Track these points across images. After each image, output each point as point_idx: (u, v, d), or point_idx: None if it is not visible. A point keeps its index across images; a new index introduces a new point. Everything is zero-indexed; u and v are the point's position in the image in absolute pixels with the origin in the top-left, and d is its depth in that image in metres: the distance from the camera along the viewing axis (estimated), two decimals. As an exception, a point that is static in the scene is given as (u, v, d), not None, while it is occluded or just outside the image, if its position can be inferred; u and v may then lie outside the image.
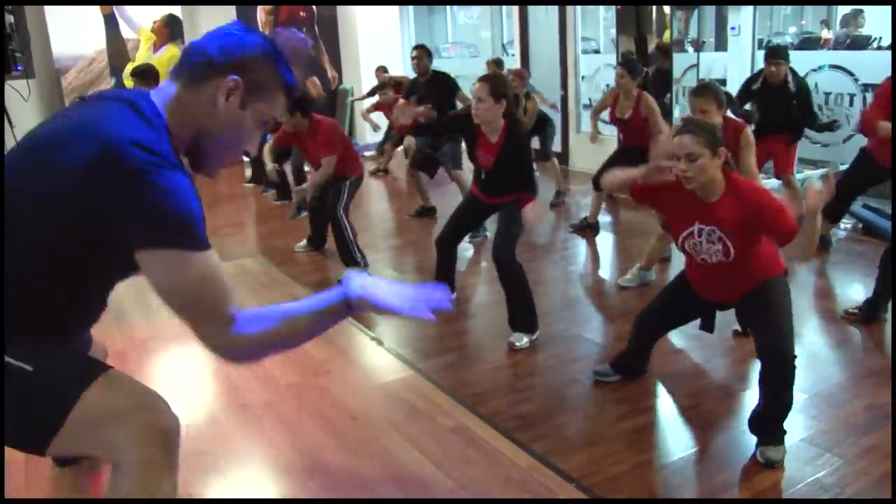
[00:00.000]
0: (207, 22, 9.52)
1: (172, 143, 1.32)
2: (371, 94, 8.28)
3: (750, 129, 3.72)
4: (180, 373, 3.36)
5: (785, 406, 2.38)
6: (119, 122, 1.27)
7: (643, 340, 2.90)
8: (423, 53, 5.73)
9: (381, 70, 8.37)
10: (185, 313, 1.31)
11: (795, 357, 2.35)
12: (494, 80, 3.38)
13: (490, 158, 3.46)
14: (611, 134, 5.26)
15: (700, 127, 2.41)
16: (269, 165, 5.11)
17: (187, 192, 1.25)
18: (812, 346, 3.35)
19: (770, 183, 5.88)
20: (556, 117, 7.88)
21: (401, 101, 6.34)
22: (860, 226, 4.92)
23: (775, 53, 4.78)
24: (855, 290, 3.94)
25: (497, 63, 7.09)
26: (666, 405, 2.85)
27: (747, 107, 4.99)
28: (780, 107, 4.79)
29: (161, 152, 1.25)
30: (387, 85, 7.56)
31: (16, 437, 1.32)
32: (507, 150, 3.38)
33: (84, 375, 1.33)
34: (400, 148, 7.94)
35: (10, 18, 4.67)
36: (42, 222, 1.26)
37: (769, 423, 2.40)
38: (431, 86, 5.67)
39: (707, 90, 3.50)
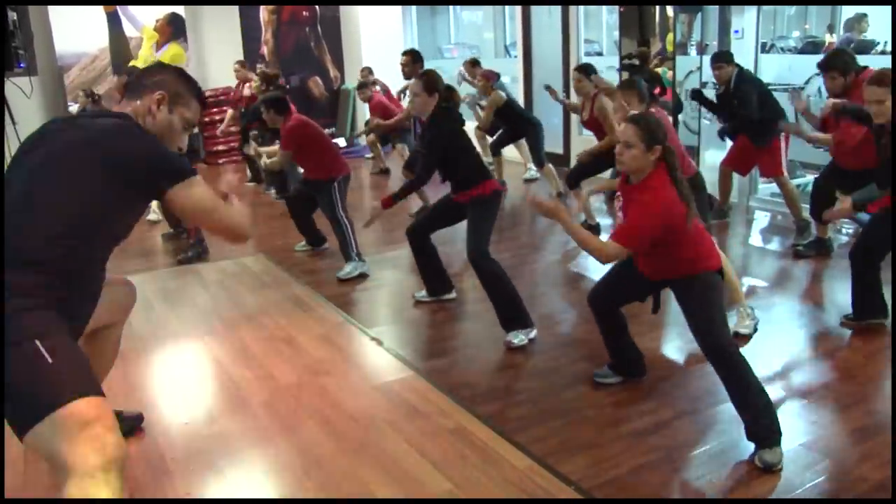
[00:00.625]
0: (210, 21, 9.54)
1: None
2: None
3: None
4: (180, 372, 3.35)
5: (749, 395, 2.40)
6: (133, 125, 1.92)
7: (598, 314, 2.95)
8: (409, 60, 5.77)
9: (367, 71, 8.53)
10: (208, 214, 1.97)
11: (734, 345, 2.46)
12: (426, 76, 3.64)
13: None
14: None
15: (646, 122, 2.59)
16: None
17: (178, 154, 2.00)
18: (812, 350, 3.35)
19: (772, 187, 5.88)
20: (559, 117, 7.91)
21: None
22: (861, 230, 4.91)
23: (715, 58, 4.98)
24: (856, 295, 3.93)
25: (473, 63, 7.22)
26: (665, 408, 2.84)
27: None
28: (728, 108, 4.94)
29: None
30: (367, 84, 7.69)
31: (14, 412, 1.58)
32: (425, 134, 3.69)
33: (85, 386, 1.61)
34: (395, 146, 7.98)
35: (13, 15, 4.67)
36: (87, 196, 1.76)
37: (757, 422, 2.40)
38: None
39: (630, 85, 3.96)
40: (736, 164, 5.21)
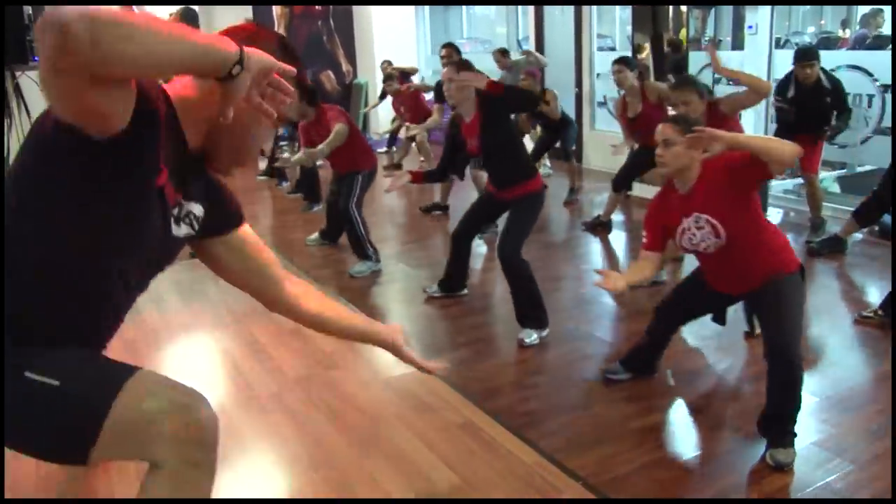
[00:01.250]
0: (223, 15, 9.57)
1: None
2: (382, 96, 8.42)
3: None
4: (190, 364, 3.37)
5: (792, 408, 2.37)
6: None
7: (661, 328, 2.89)
8: (451, 52, 5.74)
9: (387, 63, 8.53)
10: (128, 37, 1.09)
11: (801, 360, 2.34)
12: (457, 62, 3.63)
13: (474, 139, 3.53)
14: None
15: (683, 119, 2.57)
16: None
17: None
18: (825, 349, 3.32)
19: (785, 183, 5.84)
20: (571, 115, 7.87)
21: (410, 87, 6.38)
22: (877, 229, 4.86)
23: (806, 56, 4.82)
24: (870, 294, 3.90)
25: (503, 52, 7.14)
26: (675, 405, 2.83)
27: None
28: (816, 107, 4.82)
29: None
30: (393, 76, 7.68)
31: (54, 451, 1.33)
32: (484, 119, 3.44)
33: (112, 383, 1.31)
34: (412, 143, 7.95)
35: (28, 10, 4.70)
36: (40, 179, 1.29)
37: (778, 424, 2.38)
38: None
39: (685, 83, 3.83)
40: None
